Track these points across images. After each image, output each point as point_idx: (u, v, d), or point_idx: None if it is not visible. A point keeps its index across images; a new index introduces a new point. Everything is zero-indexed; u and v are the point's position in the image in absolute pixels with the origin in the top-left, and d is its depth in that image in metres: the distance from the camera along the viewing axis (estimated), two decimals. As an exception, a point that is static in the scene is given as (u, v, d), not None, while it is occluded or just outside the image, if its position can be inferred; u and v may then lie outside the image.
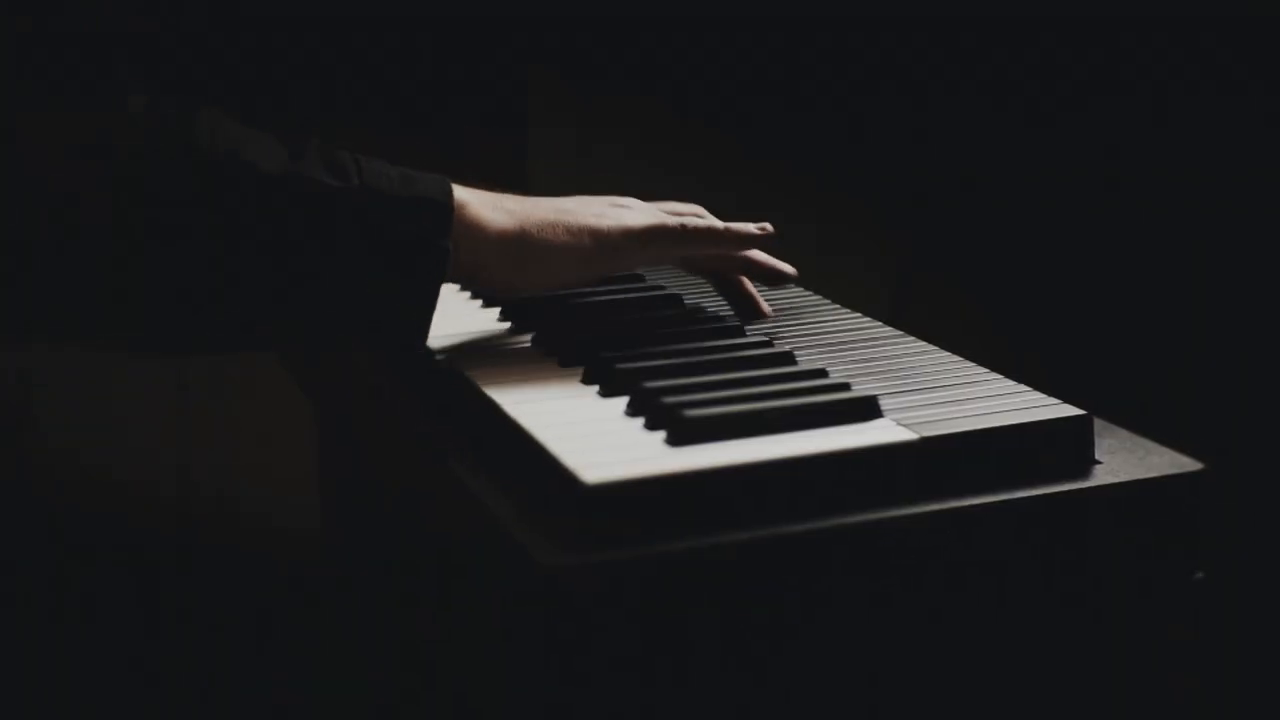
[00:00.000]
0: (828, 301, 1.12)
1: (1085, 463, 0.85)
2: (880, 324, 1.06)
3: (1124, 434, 0.89)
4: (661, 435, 0.84)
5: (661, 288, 1.15)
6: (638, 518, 0.77)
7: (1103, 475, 0.84)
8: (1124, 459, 0.86)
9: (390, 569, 1.33)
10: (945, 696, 0.84)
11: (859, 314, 1.09)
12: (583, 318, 1.08)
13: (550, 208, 1.03)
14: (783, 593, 0.78)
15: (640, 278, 1.19)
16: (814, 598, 0.79)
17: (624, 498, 0.77)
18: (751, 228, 1.09)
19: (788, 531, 0.77)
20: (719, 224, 1.09)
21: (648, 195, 1.10)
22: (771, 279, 1.11)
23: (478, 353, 1.04)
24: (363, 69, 1.87)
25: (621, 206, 1.07)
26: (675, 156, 1.98)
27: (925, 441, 0.82)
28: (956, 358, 0.97)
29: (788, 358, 0.96)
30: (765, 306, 1.11)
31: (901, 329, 1.04)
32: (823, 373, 0.93)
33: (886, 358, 0.98)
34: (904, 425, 0.84)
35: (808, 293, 1.15)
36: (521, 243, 1.00)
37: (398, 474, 1.05)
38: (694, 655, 0.78)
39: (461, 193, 0.99)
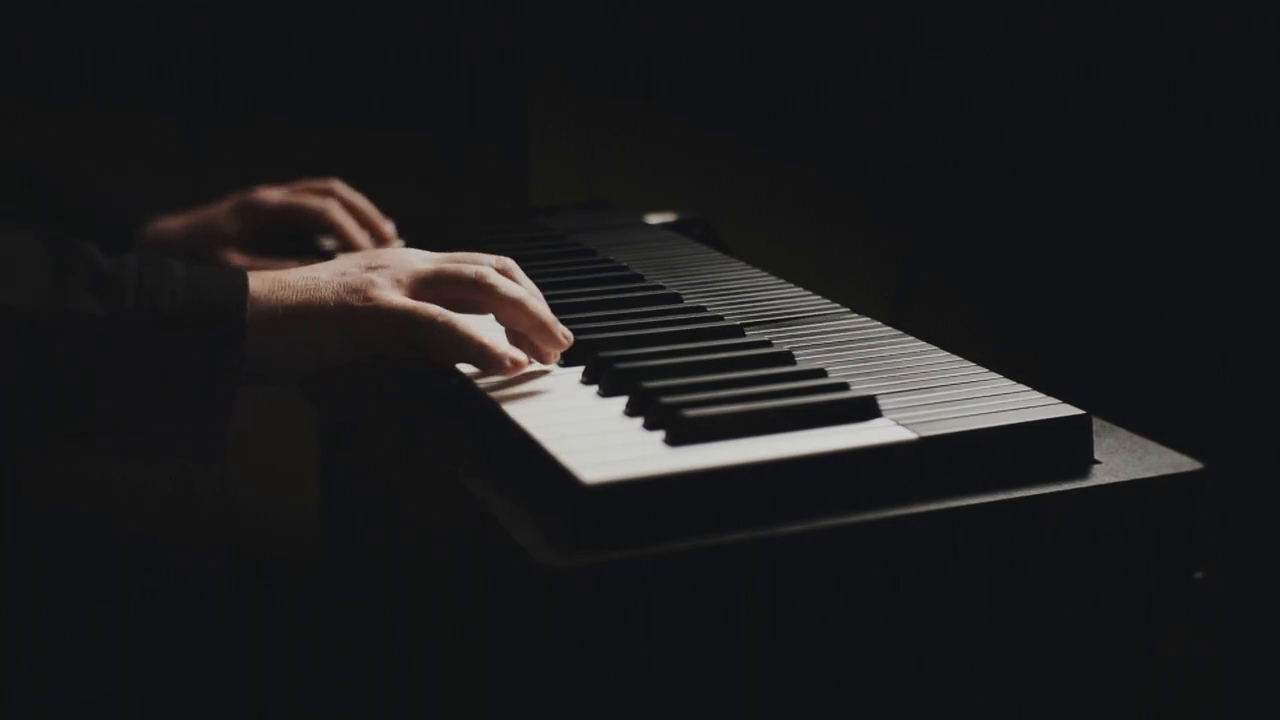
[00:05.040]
0: (827, 301, 1.12)
1: (1084, 463, 0.85)
2: (880, 324, 1.06)
3: (1123, 434, 0.89)
4: (661, 435, 0.84)
5: (661, 288, 1.15)
6: (637, 517, 0.77)
7: (1102, 475, 0.84)
8: (1123, 459, 0.86)
9: (390, 569, 1.33)
10: (944, 696, 0.84)
11: (859, 314, 1.09)
12: (583, 318, 1.08)
13: (300, 286, 0.95)
14: (781, 592, 0.78)
15: (640, 277, 1.19)
16: (813, 597, 0.79)
17: (623, 498, 0.77)
18: (522, 295, 0.97)
19: (786, 531, 0.77)
20: (500, 288, 0.97)
21: (647, 196, 1.09)
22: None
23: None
24: (363, 74, 1.87)
25: (378, 269, 0.96)
26: (675, 158, 1.98)
27: (924, 441, 0.82)
28: (955, 358, 0.97)
29: (787, 358, 0.96)
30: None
31: (901, 329, 1.04)
32: (821, 373, 0.93)
33: (885, 358, 0.98)
34: (903, 425, 0.84)
35: (807, 293, 1.15)
36: (269, 338, 0.93)
37: (397, 474, 1.05)
38: (693, 655, 0.78)
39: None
